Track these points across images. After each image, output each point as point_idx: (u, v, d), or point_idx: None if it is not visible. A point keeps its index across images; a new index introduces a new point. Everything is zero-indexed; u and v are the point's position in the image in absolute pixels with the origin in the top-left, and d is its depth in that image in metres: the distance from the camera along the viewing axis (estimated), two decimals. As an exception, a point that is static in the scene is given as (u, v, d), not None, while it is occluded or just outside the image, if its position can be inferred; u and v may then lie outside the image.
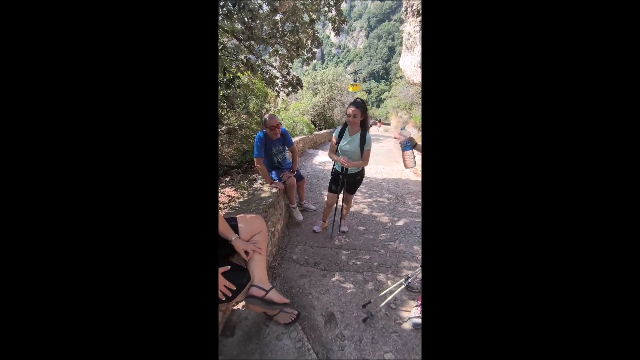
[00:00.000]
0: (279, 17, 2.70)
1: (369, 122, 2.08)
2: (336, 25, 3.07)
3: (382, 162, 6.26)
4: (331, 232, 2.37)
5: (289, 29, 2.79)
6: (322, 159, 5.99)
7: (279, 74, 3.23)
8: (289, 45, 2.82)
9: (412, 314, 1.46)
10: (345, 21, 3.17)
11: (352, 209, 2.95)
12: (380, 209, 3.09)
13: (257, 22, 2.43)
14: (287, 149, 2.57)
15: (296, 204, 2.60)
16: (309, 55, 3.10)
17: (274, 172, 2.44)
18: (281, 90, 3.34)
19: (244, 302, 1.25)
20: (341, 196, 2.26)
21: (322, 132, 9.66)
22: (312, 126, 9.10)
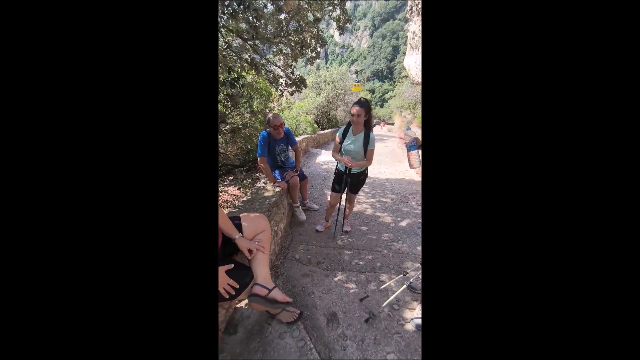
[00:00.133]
0: (283, 16, 2.71)
1: (372, 122, 2.08)
2: (340, 24, 3.07)
3: (385, 162, 6.24)
4: (334, 232, 2.37)
5: (293, 28, 2.80)
6: (326, 159, 5.98)
7: (282, 73, 3.23)
8: (293, 44, 2.83)
9: (415, 315, 1.45)
10: (349, 20, 3.16)
11: (355, 209, 2.94)
12: (383, 209, 3.08)
13: (262, 21, 2.44)
14: (290, 148, 2.57)
15: (299, 204, 2.60)
16: (313, 54, 3.10)
17: (277, 171, 2.44)
18: (285, 89, 3.35)
19: (247, 301, 1.26)
20: (344, 196, 2.25)
21: (326, 131, 9.67)
22: (316, 126, 9.12)
